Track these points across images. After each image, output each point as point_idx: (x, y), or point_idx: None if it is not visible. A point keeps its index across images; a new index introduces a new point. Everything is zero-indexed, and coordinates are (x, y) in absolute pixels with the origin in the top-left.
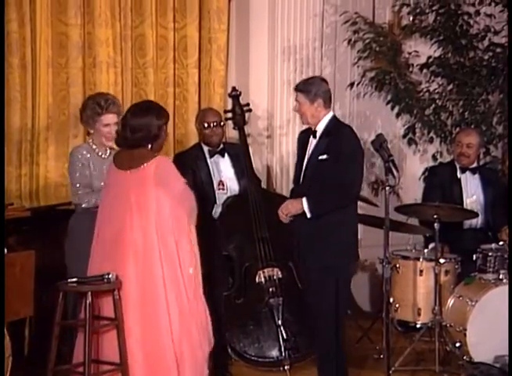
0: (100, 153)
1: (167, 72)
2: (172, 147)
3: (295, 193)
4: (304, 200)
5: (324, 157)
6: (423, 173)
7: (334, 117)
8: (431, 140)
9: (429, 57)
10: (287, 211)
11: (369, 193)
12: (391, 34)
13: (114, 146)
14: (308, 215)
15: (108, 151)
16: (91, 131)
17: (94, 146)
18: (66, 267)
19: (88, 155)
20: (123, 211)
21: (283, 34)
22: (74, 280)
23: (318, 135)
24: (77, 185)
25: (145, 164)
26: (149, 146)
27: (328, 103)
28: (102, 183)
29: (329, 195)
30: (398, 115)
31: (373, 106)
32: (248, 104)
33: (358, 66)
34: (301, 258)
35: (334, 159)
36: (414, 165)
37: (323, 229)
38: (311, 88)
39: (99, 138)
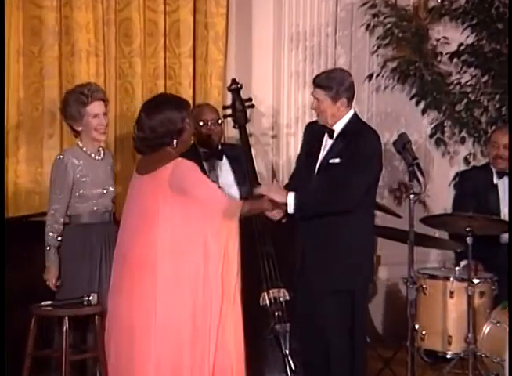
0: (93, 155)
1: (156, 62)
2: None
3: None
4: (292, 194)
5: (336, 160)
6: (454, 178)
7: (355, 116)
8: (463, 140)
9: (460, 44)
10: (267, 192)
11: (391, 201)
12: (416, 17)
13: (103, 144)
14: (291, 210)
15: (102, 152)
16: (79, 129)
17: (85, 148)
18: (47, 288)
19: (76, 162)
20: (134, 222)
21: (291, 18)
22: (49, 302)
23: (335, 135)
24: (52, 211)
25: (162, 168)
26: (175, 142)
27: (351, 101)
28: (100, 190)
29: (325, 194)
30: (424, 111)
31: (395, 101)
32: (250, 99)
33: (377, 56)
34: (307, 278)
35: (347, 163)
36: (443, 169)
37: (334, 243)
38: (333, 84)
39: (90, 133)
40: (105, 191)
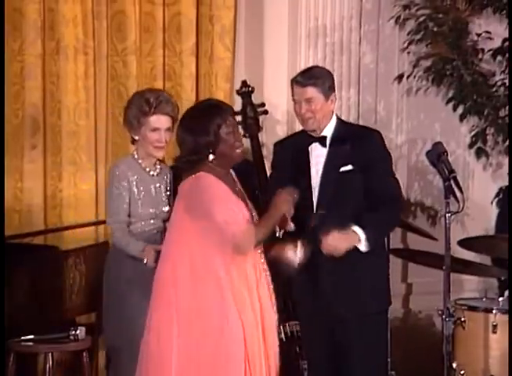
0: (148, 170)
1: (154, 61)
2: None
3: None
4: (359, 229)
5: (349, 167)
6: (497, 195)
7: (339, 119)
8: (508, 151)
9: (505, 40)
10: (334, 248)
11: (424, 221)
12: (454, 9)
13: (164, 159)
14: (364, 248)
15: (158, 167)
16: (136, 138)
17: (140, 160)
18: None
19: (131, 175)
20: (164, 244)
21: (309, 10)
22: (30, 337)
23: (328, 142)
24: (117, 224)
25: (183, 181)
26: (211, 157)
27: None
28: (153, 210)
29: (384, 215)
30: (462, 117)
31: (428, 105)
32: (263, 104)
33: (408, 53)
34: (322, 301)
35: (360, 170)
36: (484, 184)
37: (352, 263)
38: (321, 79)
39: (146, 147)
40: (158, 211)
